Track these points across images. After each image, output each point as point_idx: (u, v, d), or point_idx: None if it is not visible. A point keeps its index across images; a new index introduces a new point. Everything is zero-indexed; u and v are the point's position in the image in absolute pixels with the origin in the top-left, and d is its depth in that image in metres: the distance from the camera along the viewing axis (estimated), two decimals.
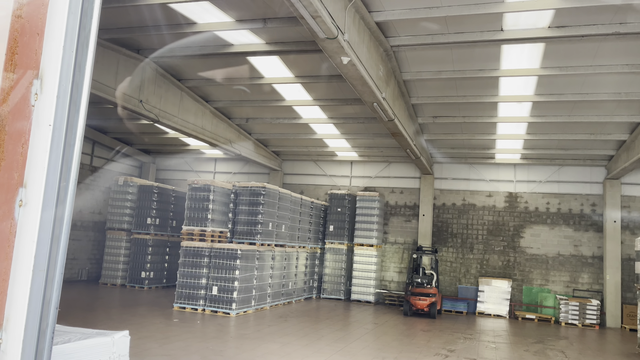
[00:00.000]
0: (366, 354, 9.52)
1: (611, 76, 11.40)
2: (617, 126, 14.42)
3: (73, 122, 1.73)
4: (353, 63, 8.33)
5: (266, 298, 14.50)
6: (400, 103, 13.28)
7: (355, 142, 18.42)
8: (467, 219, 18.91)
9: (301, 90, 13.87)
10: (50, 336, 1.70)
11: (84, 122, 1.76)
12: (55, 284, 1.71)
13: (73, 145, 1.74)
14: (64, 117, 1.68)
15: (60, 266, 1.71)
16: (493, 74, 11.66)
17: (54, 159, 1.65)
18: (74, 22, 1.71)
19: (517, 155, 17.93)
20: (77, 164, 1.80)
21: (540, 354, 10.90)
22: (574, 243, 17.67)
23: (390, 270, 19.47)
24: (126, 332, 3.73)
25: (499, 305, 17.12)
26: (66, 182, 1.70)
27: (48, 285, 1.66)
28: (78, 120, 1.75)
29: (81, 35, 1.72)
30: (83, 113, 1.76)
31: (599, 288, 17.11)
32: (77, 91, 1.73)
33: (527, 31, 9.71)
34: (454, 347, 10.78)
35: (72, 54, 1.70)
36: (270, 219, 14.58)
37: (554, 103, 13.12)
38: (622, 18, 9.02)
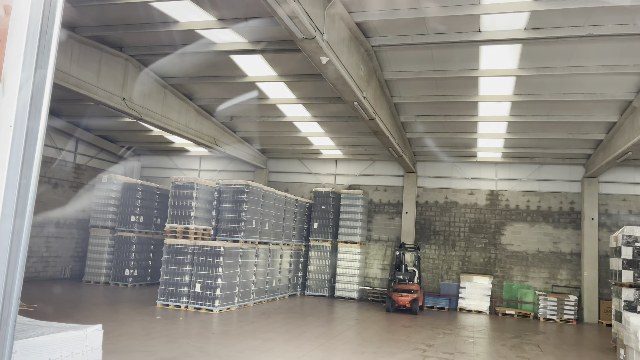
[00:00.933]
0: (346, 349, 9.68)
1: (587, 77, 11.67)
2: (594, 126, 14.73)
3: (34, 123, 1.83)
4: (332, 63, 8.46)
5: (249, 295, 14.60)
6: (382, 102, 13.44)
7: (340, 141, 18.56)
8: (450, 217, 19.16)
9: (285, 88, 13.96)
10: (12, 325, 1.80)
11: (45, 123, 1.87)
12: (17, 276, 1.82)
13: (34, 144, 1.85)
14: (24, 118, 1.79)
15: (22, 259, 1.82)
16: (472, 74, 11.86)
17: (15, 157, 1.75)
18: (35, 29, 1.81)
19: (498, 153, 18.22)
20: (38, 162, 1.90)
21: (517, 348, 11.15)
22: (553, 240, 18.02)
23: (374, 267, 19.66)
24: (99, 325, 3.82)
25: (480, 301, 17.40)
26: (27, 179, 1.80)
27: (9, 277, 1.76)
28: (39, 121, 1.85)
29: (42, 41, 1.83)
30: (44, 114, 1.86)
31: (577, 284, 17.48)
32: (38, 94, 1.84)
33: (504, 32, 9.92)
34: (432, 342, 10.98)
35: (32, 58, 1.80)
36: (254, 216, 14.67)
37: (532, 103, 13.38)
38: (595, 20, 9.26)
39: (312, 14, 7.45)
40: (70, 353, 3.45)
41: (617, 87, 12.11)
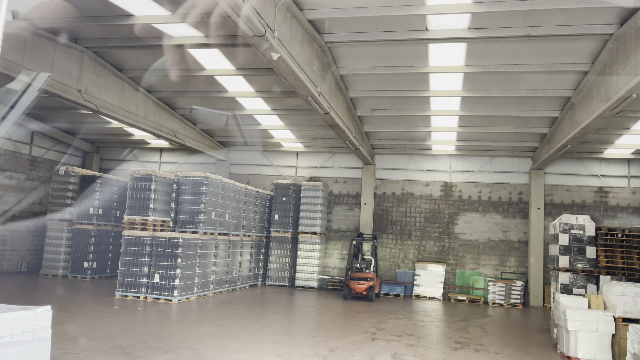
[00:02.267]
0: (299, 333, 10.11)
1: (528, 74, 12.37)
2: (539, 120, 15.57)
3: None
4: (284, 59, 8.79)
5: (209, 285, 14.85)
6: (338, 96, 13.86)
7: (300, 134, 18.92)
8: (406, 207, 19.84)
9: (243, 82, 14.19)
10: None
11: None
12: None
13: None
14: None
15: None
16: (422, 70, 12.40)
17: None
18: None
19: (451, 146, 18.96)
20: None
21: (462, 330, 11.85)
22: (502, 229, 18.94)
23: (333, 257, 20.18)
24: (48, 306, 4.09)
25: (434, 288, 18.17)
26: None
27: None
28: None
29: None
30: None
31: (524, 270, 18.46)
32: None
33: (449, 31, 10.46)
34: (383, 326, 11.55)
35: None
36: (214, 208, 14.90)
37: (480, 98, 14.05)
38: (532, 22, 9.89)
39: (262, 12, 7.76)
40: (21, 331, 3.71)
41: (557, 84, 12.88)
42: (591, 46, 10.71)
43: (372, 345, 9.41)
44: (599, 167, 18.46)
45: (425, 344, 9.77)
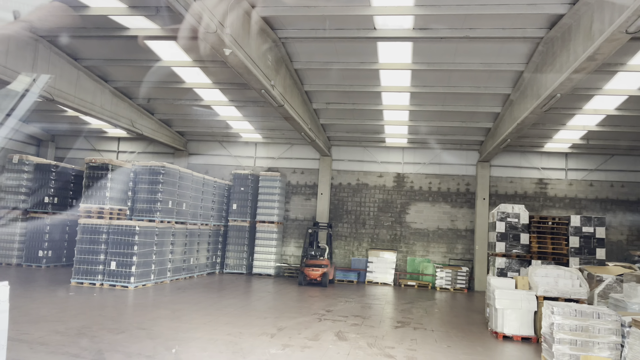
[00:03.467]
0: (251, 315, 10.65)
1: (470, 72, 13.20)
2: (483, 115, 16.52)
3: None
4: (236, 54, 9.23)
5: (166, 272, 15.17)
6: (294, 90, 14.36)
7: (259, 125, 19.31)
8: (361, 197, 20.60)
9: (200, 73, 14.49)
10: None
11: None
12: None
13: None
14: None
15: None
16: (373, 66, 13.04)
17: None
18: None
19: (404, 139, 19.78)
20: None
21: (406, 311, 12.67)
22: (451, 218, 19.96)
23: (290, 246, 20.77)
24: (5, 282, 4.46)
25: (386, 274, 19.03)
26: None
27: None
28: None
29: None
30: None
31: (471, 257, 19.56)
32: None
33: (395, 31, 11.10)
34: (332, 309, 12.23)
35: None
36: (171, 197, 15.19)
37: (428, 94, 14.84)
38: (470, 24, 10.64)
39: (214, 10, 8.17)
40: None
41: (497, 82, 13.78)
42: (525, 48, 11.58)
43: (319, 324, 10.06)
44: (539, 160, 19.69)
45: (368, 324, 10.49)
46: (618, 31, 7.22)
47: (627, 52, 11.21)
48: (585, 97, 14.12)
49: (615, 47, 7.84)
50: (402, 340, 9.11)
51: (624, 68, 11.94)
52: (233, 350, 7.54)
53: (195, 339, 8.15)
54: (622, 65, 11.87)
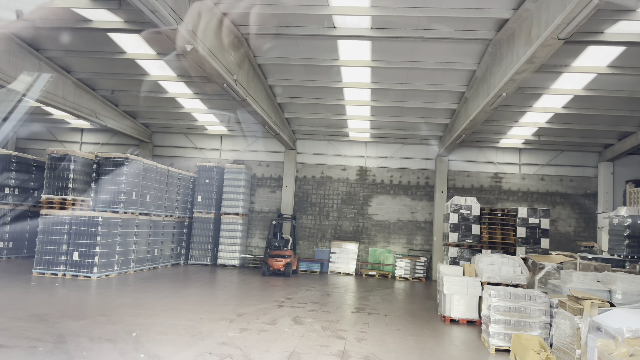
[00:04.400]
0: (212, 302, 11.01)
1: (427, 70, 13.79)
2: (441, 112, 17.20)
3: None
4: (197, 50, 9.51)
5: (130, 263, 15.32)
6: (257, 84, 14.68)
7: (224, 117, 19.52)
8: (325, 190, 21.10)
9: (164, 66, 14.63)
10: None
11: None
12: None
13: None
14: None
15: None
16: (334, 63, 13.48)
17: None
18: None
19: (366, 134, 20.34)
20: None
21: (364, 298, 13.25)
22: (411, 210, 20.69)
23: (255, 237, 21.12)
24: None
25: (348, 264, 19.62)
26: None
27: None
28: None
29: None
30: None
31: (429, 248, 20.34)
32: None
33: (354, 30, 11.56)
34: (293, 296, 12.69)
35: None
36: (135, 188, 15.32)
37: (387, 90, 15.38)
38: (424, 25, 11.19)
39: (175, 6, 8.43)
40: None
41: (453, 80, 14.43)
42: (477, 48, 12.22)
43: (278, 311, 10.50)
44: (495, 155, 20.59)
45: (325, 310, 10.99)
46: (551, 37, 7.86)
47: (570, 54, 12.00)
48: (534, 96, 14.93)
49: (550, 51, 8.50)
50: (355, 324, 9.65)
51: (568, 69, 12.74)
52: (192, 334, 7.91)
53: (156, 324, 8.47)
54: (566, 66, 12.66)
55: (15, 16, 8.30)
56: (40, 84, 13.34)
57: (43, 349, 6.57)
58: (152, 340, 7.37)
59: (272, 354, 7.05)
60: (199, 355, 6.74)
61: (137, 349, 6.88)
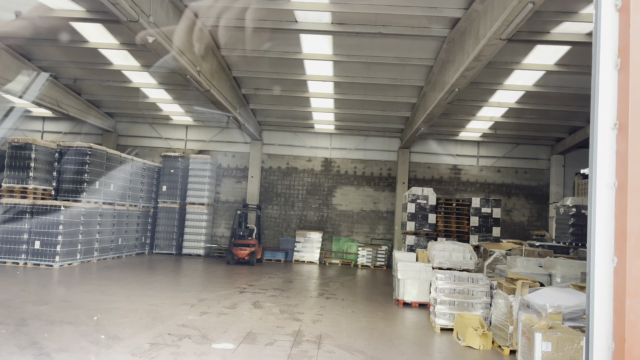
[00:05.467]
0: (175, 289, 11.28)
1: (387, 65, 14.26)
2: (402, 105, 17.76)
3: None
4: (159, 42, 9.70)
5: (93, 252, 15.38)
6: (221, 75, 14.88)
7: (189, 108, 19.60)
8: (290, 181, 21.47)
9: (128, 56, 14.66)
10: None
11: None
12: None
13: None
14: None
15: None
16: (297, 56, 13.80)
17: None
18: None
19: (331, 126, 20.77)
20: None
21: (324, 285, 13.73)
22: (373, 201, 21.29)
23: (221, 227, 21.35)
24: None
25: (312, 253, 20.10)
26: None
27: None
28: None
29: None
30: None
31: (391, 237, 21.00)
32: None
33: (315, 24, 11.90)
34: (255, 283, 13.06)
35: None
36: (98, 178, 15.35)
37: (350, 84, 15.81)
38: (383, 22, 11.63)
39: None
40: None
41: (412, 74, 14.96)
42: (433, 45, 12.75)
43: (239, 296, 10.87)
44: (454, 148, 21.35)
45: (286, 295, 11.42)
46: (494, 37, 8.41)
47: (520, 52, 12.66)
48: (489, 91, 15.61)
49: (494, 50, 9.07)
50: (312, 307, 10.11)
51: (519, 66, 13.43)
52: (153, 317, 8.20)
53: (117, 308, 8.72)
54: (517, 64, 13.34)
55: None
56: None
57: (5, 331, 6.76)
58: (113, 323, 7.64)
59: (230, 334, 7.43)
60: (158, 335, 7.06)
61: (98, 330, 7.14)
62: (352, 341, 7.47)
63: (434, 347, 7.63)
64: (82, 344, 6.44)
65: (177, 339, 6.95)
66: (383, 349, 7.17)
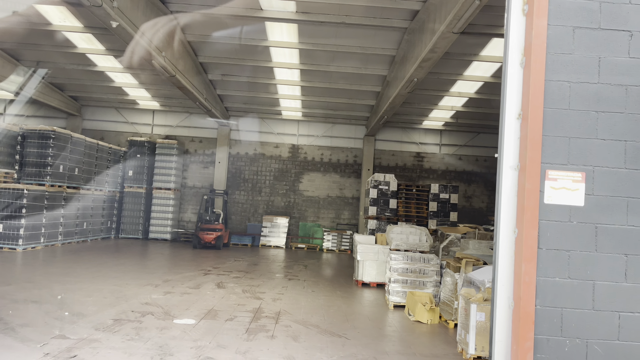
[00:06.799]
0: (140, 271, 11.50)
1: (351, 54, 14.60)
2: (367, 94, 18.19)
3: None
4: (123, 27, 9.79)
5: (58, 236, 15.37)
6: (187, 60, 14.96)
7: (156, 92, 19.56)
8: (258, 167, 21.73)
9: (93, 39, 14.57)
10: None
11: None
12: None
13: None
14: None
15: None
16: (263, 44, 14.01)
17: None
18: None
19: (298, 113, 21.07)
20: None
21: (288, 267, 14.15)
22: (339, 187, 21.76)
23: (188, 212, 21.48)
24: None
25: (279, 238, 20.48)
26: None
27: None
28: None
29: None
30: None
31: (356, 222, 21.55)
32: None
33: (280, 12, 12.14)
34: (220, 266, 13.37)
35: None
36: (62, 161, 15.28)
37: (316, 71, 16.10)
38: (346, 12, 11.95)
39: None
40: None
41: (375, 64, 15.36)
42: (395, 36, 13.15)
43: (203, 277, 11.17)
44: (418, 136, 21.97)
45: (249, 277, 11.78)
46: (447, 30, 8.87)
47: (478, 45, 13.19)
48: (450, 81, 16.17)
49: (448, 43, 9.54)
50: (274, 287, 10.51)
51: (477, 58, 13.98)
52: (117, 297, 8.45)
53: (82, 289, 8.92)
54: (475, 55, 13.89)
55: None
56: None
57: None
58: (77, 302, 7.86)
59: (191, 310, 7.76)
60: (121, 312, 7.33)
61: (62, 308, 7.36)
62: (309, 317, 7.91)
63: (385, 321, 8.14)
64: (46, 319, 6.67)
65: (140, 315, 7.24)
66: (337, 323, 7.63)
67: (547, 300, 3.20)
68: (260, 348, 6.01)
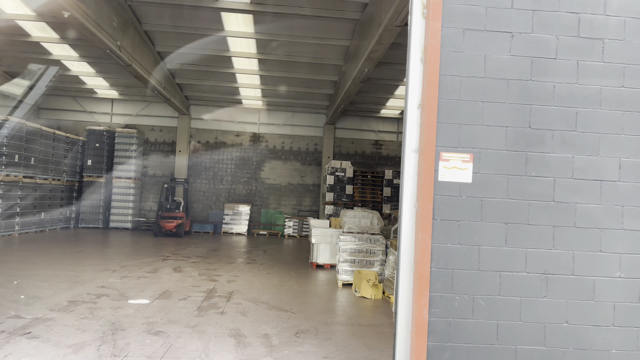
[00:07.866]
0: (98, 257, 11.69)
1: (307, 45, 14.98)
2: (325, 83, 18.61)
3: None
4: (75, 17, 9.89)
5: (14, 226, 15.30)
6: (144, 50, 15.03)
7: (114, 82, 19.46)
8: (219, 155, 21.93)
9: (47, 27, 14.45)
10: None
11: None
12: None
13: None
14: None
15: None
16: (220, 33, 14.22)
17: None
18: None
19: (259, 101, 21.33)
20: None
21: (247, 252, 14.56)
22: (300, 174, 22.21)
23: (149, 201, 21.54)
24: None
25: (240, 225, 20.82)
26: None
27: None
28: None
29: None
30: None
31: (317, 209, 22.07)
32: None
33: (235, 3, 12.39)
34: (179, 252, 13.66)
35: None
36: (17, 151, 15.17)
37: (273, 61, 16.41)
38: (299, 3, 12.30)
39: None
40: None
41: (331, 54, 15.77)
42: (348, 27, 13.59)
43: (162, 263, 11.47)
44: (376, 124, 22.59)
45: (207, 262, 12.14)
46: (389, 24, 9.36)
47: None
48: (402, 71, 16.74)
49: (392, 35, 10.05)
50: (230, 270, 10.91)
51: None
52: (73, 281, 8.69)
53: (38, 275, 9.11)
54: None
55: None
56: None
57: None
58: (33, 287, 8.08)
59: (147, 292, 8.10)
60: (77, 295, 7.61)
61: (17, 292, 7.58)
62: (260, 295, 8.37)
63: (332, 298, 8.68)
64: (2, 302, 6.90)
65: (95, 297, 7.54)
66: (286, 300, 8.12)
67: (440, 263, 3.74)
68: (209, 322, 6.44)
